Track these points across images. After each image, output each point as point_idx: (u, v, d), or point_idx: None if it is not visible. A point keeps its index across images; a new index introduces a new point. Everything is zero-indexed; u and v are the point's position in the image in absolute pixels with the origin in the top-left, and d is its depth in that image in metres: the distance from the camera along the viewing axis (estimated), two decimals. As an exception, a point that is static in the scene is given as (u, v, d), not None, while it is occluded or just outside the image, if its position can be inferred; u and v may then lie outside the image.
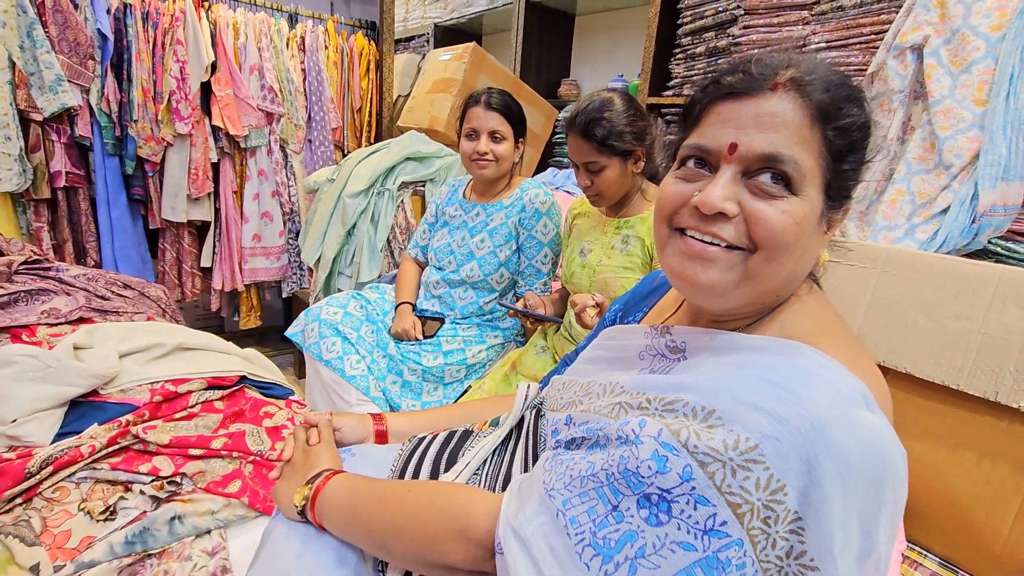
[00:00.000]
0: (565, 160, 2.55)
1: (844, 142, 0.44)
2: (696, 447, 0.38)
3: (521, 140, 1.40)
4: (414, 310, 1.47)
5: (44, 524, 0.78)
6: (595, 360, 0.62)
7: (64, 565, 0.73)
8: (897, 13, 1.45)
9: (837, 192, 0.45)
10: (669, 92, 2.14)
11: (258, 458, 0.97)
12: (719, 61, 1.96)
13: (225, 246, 2.42)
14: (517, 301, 1.40)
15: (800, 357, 0.42)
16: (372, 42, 2.72)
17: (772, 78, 0.44)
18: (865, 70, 1.53)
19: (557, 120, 2.54)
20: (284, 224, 2.53)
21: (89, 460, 0.85)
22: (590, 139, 1.05)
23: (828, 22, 1.69)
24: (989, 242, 1.29)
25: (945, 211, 1.29)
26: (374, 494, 0.56)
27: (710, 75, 0.49)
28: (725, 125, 0.45)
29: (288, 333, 1.43)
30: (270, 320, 2.82)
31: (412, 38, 3.69)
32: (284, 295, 2.64)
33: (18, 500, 0.79)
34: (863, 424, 0.37)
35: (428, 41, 3.49)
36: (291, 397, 1.20)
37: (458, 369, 1.39)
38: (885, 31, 1.50)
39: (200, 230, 2.44)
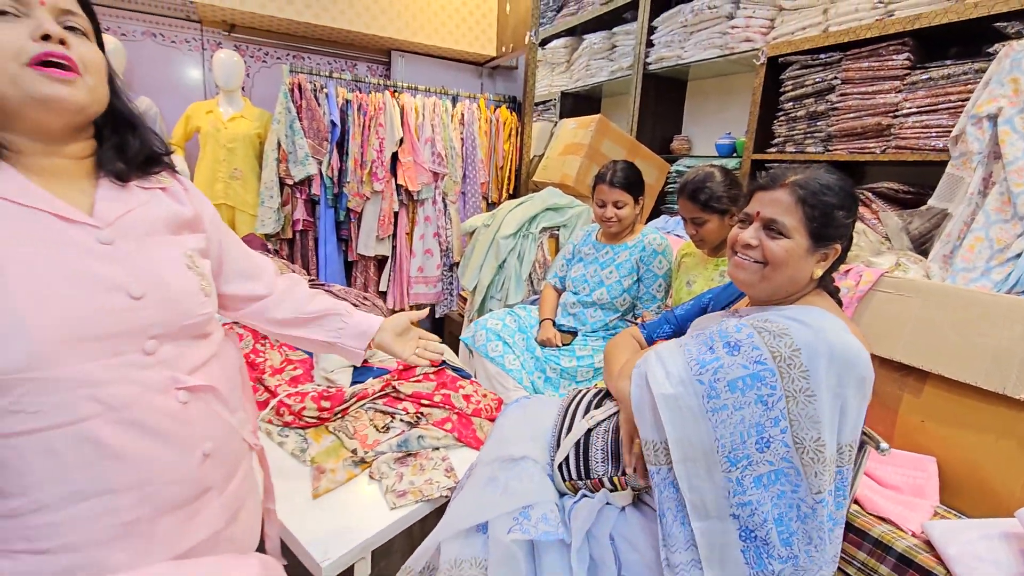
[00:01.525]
0: (675, 207, 2.91)
1: (816, 212, 0.84)
2: (756, 326, 0.78)
3: (640, 198, 1.83)
4: (554, 324, 1.93)
5: (354, 430, 1.32)
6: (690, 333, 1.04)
7: (368, 451, 1.27)
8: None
9: (818, 237, 0.85)
10: (773, 149, 2.40)
11: (459, 411, 1.47)
12: (818, 123, 2.23)
13: (397, 275, 3.10)
14: (637, 319, 1.80)
15: (815, 310, 0.82)
16: (513, 113, 3.35)
17: (781, 181, 0.86)
18: (951, 132, 1.75)
19: (669, 173, 2.93)
20: (441, 259, 3.17)
21: (372, 397, 1.40)
22: (695, 201, 1.46)
23: (918, 90, 1.91)
24: (1065, 282, 1.45)
25: (1019, 256, 1.48)
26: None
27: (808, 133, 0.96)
28: (757, 202, 0.89)
29: (462, 337, 1.96)
30: (422, 336, 3.45)
31: (541, 103, 4.30)
32: (437, 316, 3.26)
33: (339, 415, 1.36)
34: (844, 336, 0.76)
35: (555, 105, 4.04)
36: (472, 378, 1.70)
37: (587, 370, 1.81)
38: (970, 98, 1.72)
39: (379, 263, 3.16)
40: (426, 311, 1.15)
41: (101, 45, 0.67)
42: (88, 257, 0.61)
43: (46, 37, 0.58)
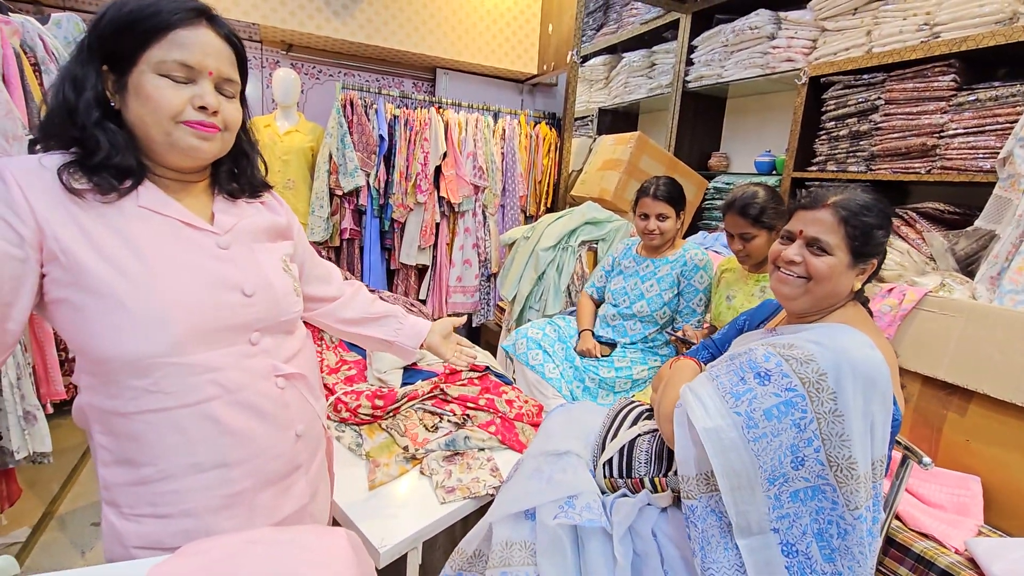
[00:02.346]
0: (712, 223, 2.93)
1: (857, 232, 0.88)
2: (783, 353, 0.82)
3: (682, 212, 1.88)
4: (593, 335, 1.98)
5: (405, 428, 1.40)
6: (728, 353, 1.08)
7: (418, 449, 1.34)
8: (1029, 105, 1.66)
9: (859, 254, 0.89)
10: (814, 167, 2.41)
11: (503, 415, 1.53)
12: (861, 143, 2.24)
13: (436, 284, 3.20)
14: (677, 332, 1.83)
15: (837, 328, 0.85)
16: (553, 129, 3.43)
17: (823, 201, 0.91)
18: (998, 154, 1.75)
19: (707, 189, 2.96)
20: (479, 269, 3.26)
21: (421, 398, 1.48)
22: (745, 216, 1.51)
23: (965, 112, 1.90)
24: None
25: (1071, 278, 1.46)
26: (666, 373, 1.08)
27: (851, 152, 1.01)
28: (799, 221, 0.94)
29: (503, 345, 2.03)
30: (457, 344, 3.54)
31: (578, 119, 4.37)
32: (473, 325, 3.34)
33: (391, 413, 1.44)
34: (867, 352, 0.79)
35: (592, 121, 4.11)
36: (513, 384, 1.76)
37: (625, 381, 1.85)
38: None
39: (420, 271, 3.27)
40: (464, 318, 1.26)
41: (244, 97, 0.78)
42: (212, 259, 0.71)
43: (203, 108, 0.68)
